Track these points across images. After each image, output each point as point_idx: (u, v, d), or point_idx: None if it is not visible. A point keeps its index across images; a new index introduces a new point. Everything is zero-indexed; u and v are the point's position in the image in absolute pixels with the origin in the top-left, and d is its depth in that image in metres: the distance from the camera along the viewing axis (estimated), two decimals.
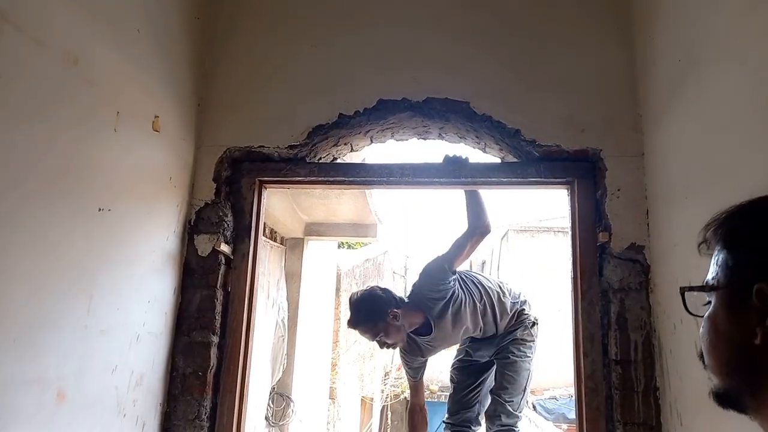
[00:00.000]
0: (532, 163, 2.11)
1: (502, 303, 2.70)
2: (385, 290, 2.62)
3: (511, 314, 2.71)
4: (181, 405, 2.02)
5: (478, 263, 16.70)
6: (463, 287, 2.62)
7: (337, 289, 6.93)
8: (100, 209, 1.57)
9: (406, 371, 2.87)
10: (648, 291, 1.91)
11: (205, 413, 2.03)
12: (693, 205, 1.59)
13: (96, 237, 1.57)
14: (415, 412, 2.90)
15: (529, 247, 12.57)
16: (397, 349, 2.78)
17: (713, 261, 0.79)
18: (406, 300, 2.65)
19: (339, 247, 8.60)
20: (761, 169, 1.23)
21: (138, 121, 1.77)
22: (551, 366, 10.89)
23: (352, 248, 9.92)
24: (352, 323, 2.54)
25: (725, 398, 0.77)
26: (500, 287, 2.76)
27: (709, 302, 0.80)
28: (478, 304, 2.64)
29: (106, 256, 1.61)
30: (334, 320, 6.69)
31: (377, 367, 9.02)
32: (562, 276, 2.16)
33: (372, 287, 2.64)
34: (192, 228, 2.12)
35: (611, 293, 1.95)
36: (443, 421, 2.87)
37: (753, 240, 0.74)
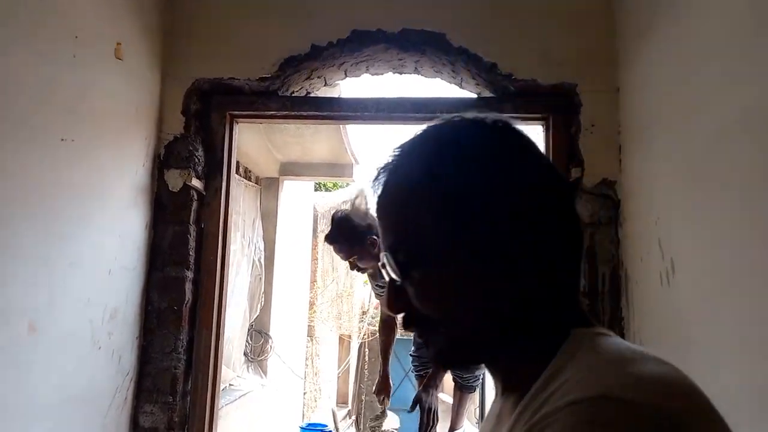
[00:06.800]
0: (509, 98, 2.09)
1: None
2: (370, 216, 2.60)
3: None
4: (157, 338, 2.03)
5: None
6: None
7: (314, 230, 6.92)
8: (62, 139, 1.51)
9: (374, 288, 2.91)
10: (618, 225, 1.94)
11: (182, 346, 2.05)
12: (666, 141, 1.60)
13: (61, 168, 1.52)
14: (385, 321, 3.00)
15: None
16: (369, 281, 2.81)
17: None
18: None
19: (316, 189, 8.54)
20: (738, 102, 1.23)
21: (99, 48, 1.69)
22: None
23: (329, 190, 9.87)
24: (330, 239, 2.50)
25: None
26: None
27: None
28: None
29: (72, 188, 1.57)
30: (311, 260, 6.73)
31: (355, 306, 9.19)
32: None
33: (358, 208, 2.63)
34: (162, 162, 2.08)
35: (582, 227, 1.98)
36: (410, 354, 2.96)
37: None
